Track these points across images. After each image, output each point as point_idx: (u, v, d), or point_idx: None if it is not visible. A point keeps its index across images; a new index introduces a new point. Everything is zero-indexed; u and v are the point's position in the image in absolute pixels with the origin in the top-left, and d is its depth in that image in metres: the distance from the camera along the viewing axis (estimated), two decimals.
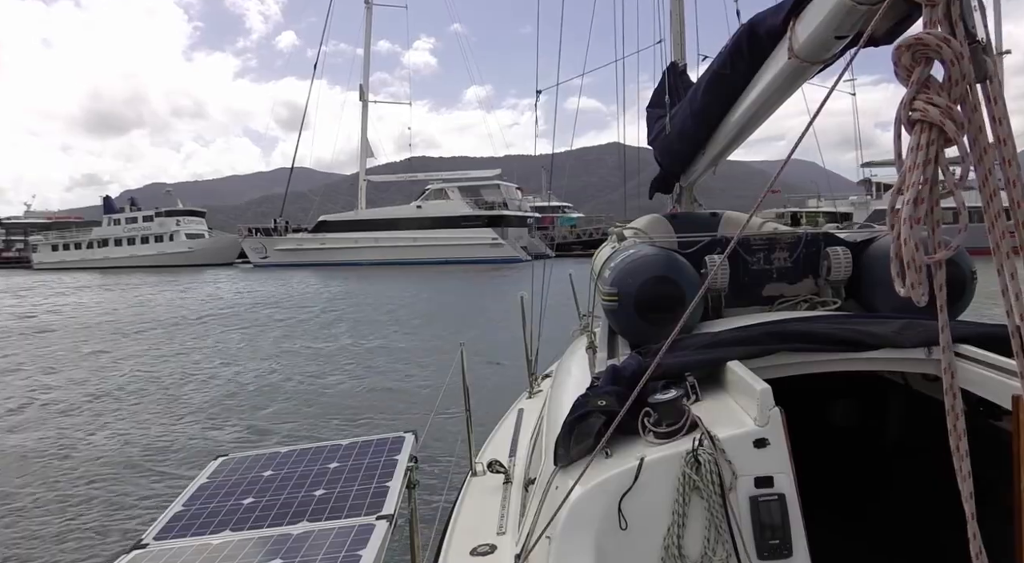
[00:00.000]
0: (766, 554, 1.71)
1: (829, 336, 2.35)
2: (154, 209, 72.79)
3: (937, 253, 1.07)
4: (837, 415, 3.58)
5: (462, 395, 3.94)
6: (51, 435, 9.50)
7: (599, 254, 3.94)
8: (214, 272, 54.20)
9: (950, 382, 1.13)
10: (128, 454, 8.51)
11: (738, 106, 3.41)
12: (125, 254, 69.87)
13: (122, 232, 71.94)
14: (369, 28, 62.99)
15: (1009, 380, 1.99)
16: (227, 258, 66.22)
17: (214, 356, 15.67)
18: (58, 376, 13.85)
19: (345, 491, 2.68)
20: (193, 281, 43.69)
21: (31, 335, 20.04)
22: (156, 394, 11.89)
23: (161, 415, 10.43)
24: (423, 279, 36.66)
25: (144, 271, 57.49)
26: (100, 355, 16.04)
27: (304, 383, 12.42)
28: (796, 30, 2.51)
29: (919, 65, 1.06)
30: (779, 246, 3.42)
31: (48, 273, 63.29)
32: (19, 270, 72.35)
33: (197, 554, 2.27)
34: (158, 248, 69.00)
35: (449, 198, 57.05)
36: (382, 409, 10.18)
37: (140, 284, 41.89)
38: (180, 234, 69.35)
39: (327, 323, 20.86)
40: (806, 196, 47.63)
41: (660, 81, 5.43)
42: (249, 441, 8.94)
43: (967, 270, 2.91)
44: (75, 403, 11.38)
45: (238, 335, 18.90)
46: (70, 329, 21.42)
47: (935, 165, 1.05)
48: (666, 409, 1.92)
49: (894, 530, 3.06)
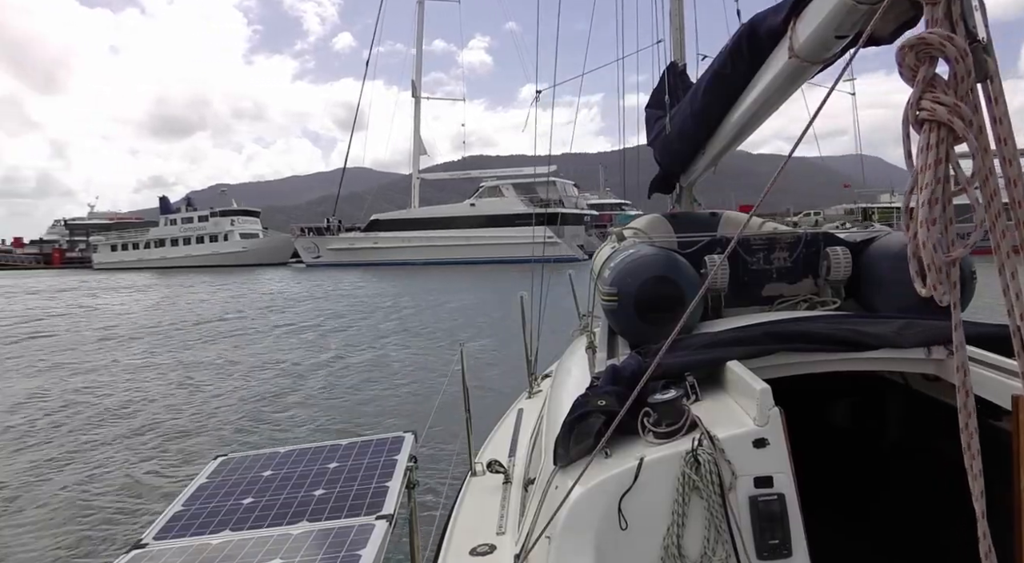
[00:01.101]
0: (766, 554, 1.71)
1: (829, 336, 2.35)
2: (209, 209, 73.45)
3: (953, 251, 1.07)
4: (837, 415, 3.58)
5: (462, 396, 3.95)
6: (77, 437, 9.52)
7: (599, 254, 3.94)
8: (266, 272, 54.08)
9: (963, 379, 1.13)
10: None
11: (738, 106, 3.40)
12: (181, 254, 70.73)
13: (178, 232, 72.83)
14: (421, 23, 62.60)
15: (1009, 380, 1.99)
16: (281, 258, 66.30)
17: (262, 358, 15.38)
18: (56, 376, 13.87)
19: (345, 491, 2.68)
20: (232, 281, 43.68)
21: (25, 339, 20.04)
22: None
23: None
24: (477, 278, 36.04)
25: (198, 271, 57.93)
26: (65, 367, 15.40)
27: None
28: (796, 30, 2.51)
29: (923, 64, 1.06)
30: (779, 246, 3.42)
31: (107, 273, 64.58)
32: (81, 270, 74.44)
33: (197, 554, 2.27)
34: (212, 248, 69.68)
35: (503, 195, 55.69)
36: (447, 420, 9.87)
37: (169, 285, 42.14)
38: (235, 234, 69.84)
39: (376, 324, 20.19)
40: (878, 191, 46.72)
41: (659, 81, 5.43)
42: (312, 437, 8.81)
43: (967, 270, 2.91)
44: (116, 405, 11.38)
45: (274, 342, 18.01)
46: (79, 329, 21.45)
47: (947, 164, 1.06)
48: (666, 409, 1.91)
49: (894, 530, 3.06)
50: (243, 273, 53.01)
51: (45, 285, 48.50)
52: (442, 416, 5.32)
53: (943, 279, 1.07)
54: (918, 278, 1.11)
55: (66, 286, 46.22)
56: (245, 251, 68.13)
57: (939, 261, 1.06)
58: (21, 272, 77.38)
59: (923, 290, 1.10)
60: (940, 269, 1.06)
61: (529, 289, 5.09)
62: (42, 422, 10.28)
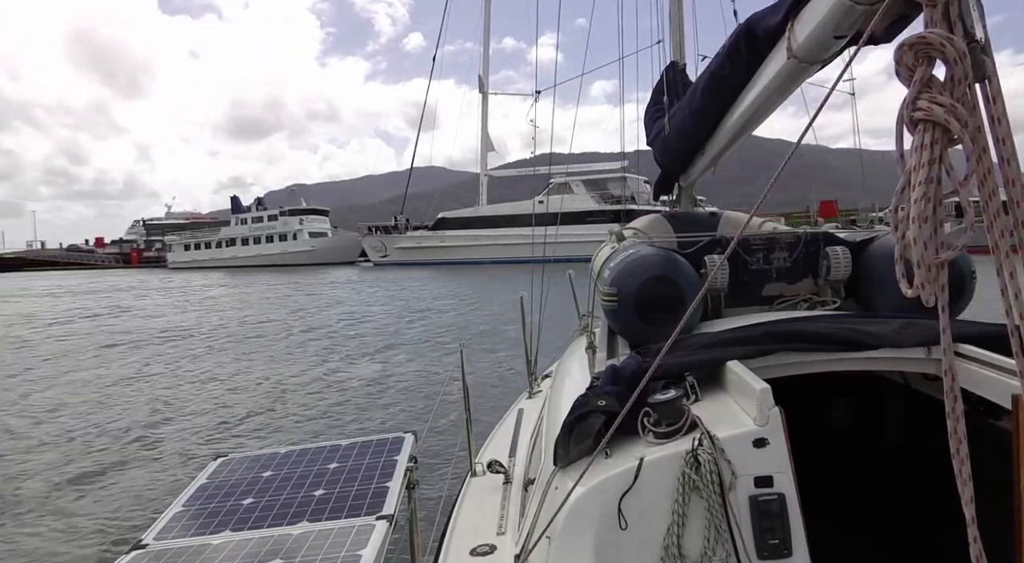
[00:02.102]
0: (766, 554, 1.71)
1: (829, 336, 2.35)
2: (278, 208, 73.86)
3: (942, 254, 1.07)
4: (837, 415, 3.58)
5: (463, 396, 3.95)
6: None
7: (599, 254, 3.94)
8: (333, 272, 53.53)
9: (951, 384, 1.12)
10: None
11: (737, 106, 3.40)
12: (251, 253, 71.35)
13: (248, 231, 73.52)
14: (488, 16, 60.95)
15: (1009, 380, 1.99)
16: (349, 257, 65.94)
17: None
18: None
19: (345, 491, 2.68)
20: (296, 280, 43.25)
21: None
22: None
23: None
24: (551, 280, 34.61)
25: (267, 270, 58.00)
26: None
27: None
28: (795, 30, 2.51)
29: (921, 64, 1.06)
30: (779, 246, 3.42)
31: (181, 272, 65.41)
32: (157, 269, 76.38)
33: (197, 554, 2.27)
34: (282, 247, 69.96)
35: (573, 192, 52.77)
36: None
37: (235, 284, 41.80)
38: (303, 233, 69.94)
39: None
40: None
41: (659, 81, 5.44)
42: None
43: (967, 270, 2.91)
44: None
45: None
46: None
47: (939, 164, 1.05)
48: (666, 409, 1.92)
49: (894, 530, 3.06)
50: (310, 272, 52.50)
51: (105, 284, 49.25)
52: (441, 416, 5.32)
53: (932, 278, 1.06)
54: (904, 280, 1.10)
55: (122, 286, 46.96)
56: (314, 250, 68.18)
57: (928, 259, 1.05)
58: (100, 271, 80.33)
59: (909, 290, 1.09)
60: (929, 267, 1.05)
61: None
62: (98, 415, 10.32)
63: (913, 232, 1.04)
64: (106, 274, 71.08)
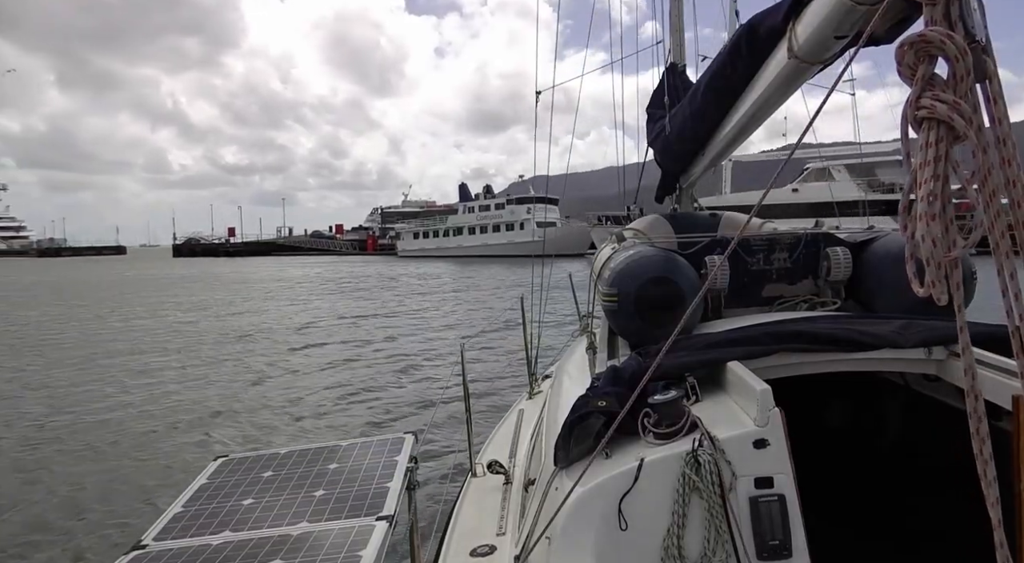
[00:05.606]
0: (766, 554, 1.71)
1: (829, 336, 2.35)
2: (505, 196, 71.51)
3: (953, 250, 1.06)
4: (837, 415, 3.58)
5: (463, 396, 3.95)
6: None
7: (599, 255, 3.94)
8: (561, 265, 50.61)
9: (971, 383, 1.11)
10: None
11: (738, 106, 3.40)
12: (477, 242, 69.35)
13: (474, 220, 71.48)
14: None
15: (1009, 380, 1.99)
16: (579, 248, 61.63)
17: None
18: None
19: (345, 492, 2.68)
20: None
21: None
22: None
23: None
24: None
25: (493, 261, 55.80)
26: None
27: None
28: (796, 30, 2.51)
29: (922, 63, 1.06)
30: (779, 247, 3.42)
31: (409, 261, 64.35)
32: (388, 256, 76.45)
33: (197, 555, 2.27)
34: (508, 237, 67.20)
35: (834, 179, 45.95)
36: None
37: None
38: (530, 222, 66.18)
39: None
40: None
41: (659, 82, 5.44)
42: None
43: (967, 270, 2.91)
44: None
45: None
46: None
47: (946, 161, 1.05)
48: (666, 410, 1.92)
49: (894, 530, 3.05)
50: (532, 265, 50.80)
51: (344, 271, 48.36)
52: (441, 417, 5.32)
53: (942, 277, 1.06)
54: (915, 279, 1.09)
55: (330, 276, 46.07)
56: (540, 240, 65.80)
57: (939, 256, 1.04)
58: (338, 257, 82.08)
59: (920, 290, 1.08)
60: (940, 265, 1.05)
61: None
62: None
63: (922, 230, 1.04)
64: (342, 262, 71.21)
